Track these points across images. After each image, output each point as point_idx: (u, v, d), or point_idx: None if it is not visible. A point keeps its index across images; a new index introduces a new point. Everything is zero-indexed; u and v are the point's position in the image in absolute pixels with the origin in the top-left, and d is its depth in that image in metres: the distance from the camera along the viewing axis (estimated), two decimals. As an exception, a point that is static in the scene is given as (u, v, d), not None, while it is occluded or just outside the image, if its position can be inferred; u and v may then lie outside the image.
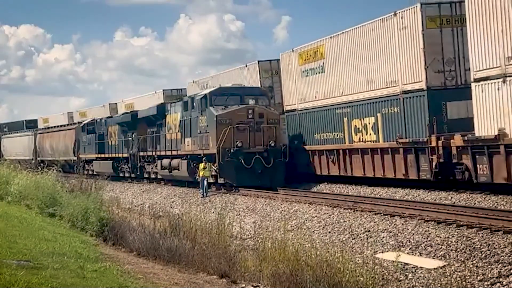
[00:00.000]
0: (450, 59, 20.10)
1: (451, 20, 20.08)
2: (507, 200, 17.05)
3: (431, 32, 19.93)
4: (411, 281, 11.29)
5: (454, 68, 20.08)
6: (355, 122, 23.66)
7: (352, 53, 23.84)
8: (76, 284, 8.36)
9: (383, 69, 21.96)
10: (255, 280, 10.68)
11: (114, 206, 19.82)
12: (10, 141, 63.47)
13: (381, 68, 22.07)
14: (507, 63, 16.15)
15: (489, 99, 17.03)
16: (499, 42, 16.29)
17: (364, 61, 23.00)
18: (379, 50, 22.11)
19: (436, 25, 20.03)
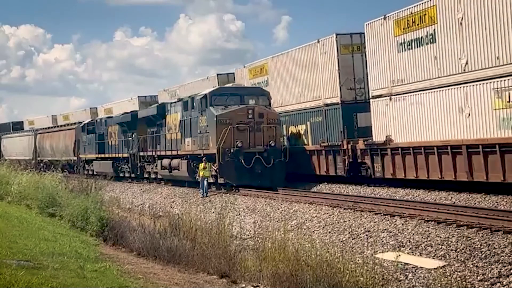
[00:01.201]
0: (359, 79, 25.04)
1: (361, 47, 24.74)
2: (507, 200, 17.06)
3: (344, 57, 25.13)
4: (411, 281, 11.28)
5: (363, 86, 24.88)
6: (291, 129, 28.58)
7: (289, 71, 28.74)
8: (76, 284, 8.37)
9: (311, 86, 26.96)
10: (255, 280, 10.68)
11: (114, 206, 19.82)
12: (10, 141, 63.44)
13: (309, 84, 27.07)
14: (392, 85, 21.77)
15: (381, 112, 22.49)
16: (386, 70, 22.05)
17: (298, 79, 27.95)
18: (308, 70, 27.01)
19: (348, 51, 25.26)
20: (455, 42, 18.75)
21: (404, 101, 21.08)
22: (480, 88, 17.83)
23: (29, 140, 56.19)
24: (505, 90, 16.88)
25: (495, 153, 17.25)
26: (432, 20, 19.68)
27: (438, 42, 19.52)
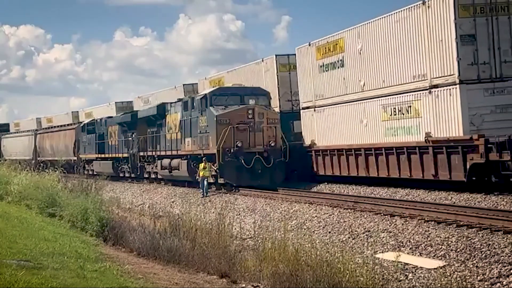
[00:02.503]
0: (295, 92, 29.07)
1: (296, 66, 28.58)
2: (507, 200, 17.05)
3: (283, 74, 29.74)
4: (411, 281, 11.28)
5: (298, 98, 28.86)
6: None
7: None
8: (76, 284, 8.36)
9: None
10: (255, 280, 10.68)
11: (114, 206, 19.83)
12: (10, 141, 63.44)
13: None
14: (315, 99, 26.63)
15: (308, 121, 27.37)
16: (311, 86, 26.85)
17: None
18: (255, 85, 29.52)
19: (286, 70, 29.77)
20: (357, 67, 23.91)
21: (323, 112, 26.00)
22: (373, 104, 22.88)
23: (29, 140, 56.18)
24: (388, 106, 22.05)
25: (382, 154, 22.30)
26: (341, 49, 24.79)
27: (345, 67, 24.62)
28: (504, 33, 19.04)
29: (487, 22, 18.97)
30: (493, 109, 18.87)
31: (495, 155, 17.59)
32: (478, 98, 18.83)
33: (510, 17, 19.09)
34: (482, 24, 18.89)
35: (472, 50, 18.93)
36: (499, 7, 18.99)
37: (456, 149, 18.94)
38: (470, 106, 18.76)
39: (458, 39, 18.82)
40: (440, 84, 19.59)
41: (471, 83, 18.90)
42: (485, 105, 18.84)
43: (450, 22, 18.91)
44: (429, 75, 20.00)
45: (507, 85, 18.92)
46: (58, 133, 50.31)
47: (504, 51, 19.02)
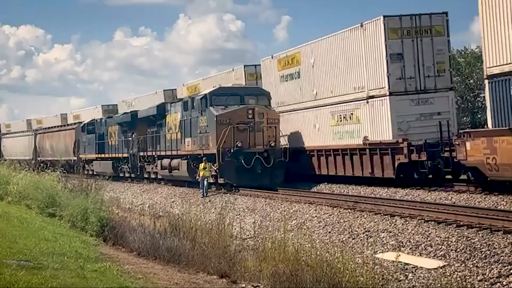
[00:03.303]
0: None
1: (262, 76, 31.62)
2: (507, 200, 17.06)
3: (251, 82, 32.07)
4: (411, 281, 11.28)
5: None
6: None
7: None
8: (76, 284, 8.37)
9: None
10: (255, 280, 10.68)
11: (114, 206, 19.83)
12: (10, 141, 63.45)
13: None
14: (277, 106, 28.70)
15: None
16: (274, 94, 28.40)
17: None
18: None
19: (253, 78, 32.54)
20: (310, 78, 27.03)
21: (284, 118, 28.05)
22: (324, 111, 26.05)
23: (29, 140, 56.18)
24: (335, 113, 25.18)
25: (331, 155, 25.40)
26: (298, 62, 27.92)
27: (301, 78, 27.74)
28: (427, 52, 22.34)
29: (413, 42, 22.25)
30: (418, 117, 22.11)
31: (415, 155, 20.98)
32: (405, 108, 22.12)
33: (432, 39, 22.40)
34: (408, 44, 22.21)
35: (400, 66, 22.22)
36: (423, 30, 22.30)
37: (387, 151, 22.22)
38: (398, 114, 22.06)
39: (388, 57, 22.12)
40: (375, 95, 22.86)
41: (399, 94, 22.17)
42: (411, 114, 22.13)
43: (382, 42, 22.17)
44: (366, 87, 23.24)
45: (430, 96, 22.24)
46: (58, 133, 50.30)
47: (427, 67, 22.31)
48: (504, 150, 16.85)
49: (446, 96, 22.52)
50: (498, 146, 17.10)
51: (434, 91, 22.35)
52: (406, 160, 21.20)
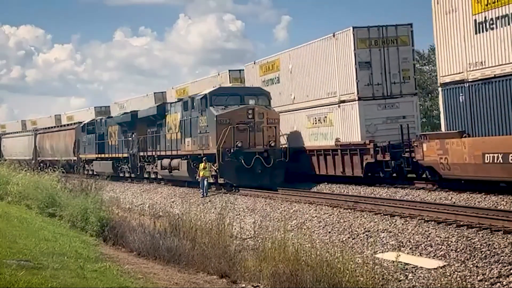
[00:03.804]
0: None
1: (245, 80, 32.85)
2: (507, 200, 17.05)
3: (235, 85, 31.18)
4: (411, 281, 11.27)
5: None
6: None
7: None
8: (76, 284, 8.37)
9: None
10: (255, 280, 10.68)
11: (114, 206, 19.82)
12: (10, 141, 63.46)
13: None
14: None
15: None
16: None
17: None
18: None
19: (238, 82, 32.51)
20: (288, 83, 28.72)
21: None
22: (301, 114, 27.69)
23: (29, 140, 56.17)
24: (311, 116, 26.82)
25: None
26: (278, 68, 29.60)
27: (281, 83, 29.38)
28: (393, 61, 24.18)
29: (380, 52, 24.03)
30: (385, 120, 23.94)
31: (380, 156, 22.84)
32: (373, 112, 23.93)
33: (398, 48, 24.25)
34: (376, 53, 23.98)
35: (368, 74, 23.99)
36: (389, 40, 24.14)
37: (356, 152, 23.95)
38: (366, 118, 23.87)
39: (357, 65, 23.87)
40: (345, 100, 24.69)
41: (367, 99, 23.97)
42: (378, 117, 23.95)
43: (351, 51, 23.96)
44: (338, 92, 25.10)
45: (396, 101, 24.12)
46: (58, 133, 50.30)
47: (393, 75, 24.16)
48: (454, 151, 18.77)
49: (411, 101, 24.38)
50: (449, 148, 19.00)
51: (399, 96, 24.18)
52: (373, 160, 23.06)
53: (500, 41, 17.43)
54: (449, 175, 19.41)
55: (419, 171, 22.40)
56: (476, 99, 18.44)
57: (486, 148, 17.62)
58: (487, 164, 17.48)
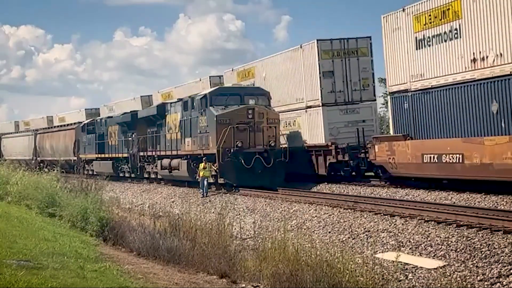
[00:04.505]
0: None
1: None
2: (507, 200, 17.06)
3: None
4: (411, 281, 11.27)
5: None
6: None
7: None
8: (76, 284, 8.36)
9: None
10: (255, 280, 10.67)
11: (114, 206, 19.80)
12: (10, 141, 63.48)
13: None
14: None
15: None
16: None
17: None
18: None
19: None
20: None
21: None
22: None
23: (29, 140, 56.18)
24: (283, 120, 28.07)
25: None
26: (253, 75, 31.66)
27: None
28: (353, 70, 26.69)
29: (342, 62, 26.59)
30: (346, 124, 26.34)
31: (341, 156, 25.34)
32: (335, 116, 26.39)
33: (358, 59, 26.72)
34: (338, 63, 26.53)
35: (331, 82, 26.47)
36: (350, 51, 26.64)
37: (320, 152, 26.39)
38: (329, 122, 26.28)
39: (321, 74, 26.32)
40: (311, 105, 27.07)
41: (330, 105, 26.49)
42: (340, 121, 26.40)
43: (316, 62, 26.44)
44: (305, 98, 27.42)
45: (356, 107, 26.59)
46: (58, 133, 50.29)
47: (354, 83, 26.65)
48: (400, 152, 21.43)
49: (370, 106, 26.92)
50: (396, 149, 21.66)
51: (359, 102, 26.72)
52: (335, 160, 25.47)
53: (435, 57, 20.21)
54: (396, 173, 22.02)
55: (374, 169, 24.73)
56: (417, 107, 21.31)
57: (425, 150, 20.26)
58: (426, 163, 20.13)
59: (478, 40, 18.56)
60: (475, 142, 18.25)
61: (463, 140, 18.86)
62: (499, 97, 17.84)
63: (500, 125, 17.83)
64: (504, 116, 17.70)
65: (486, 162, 17.72)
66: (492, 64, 18.02)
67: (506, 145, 17.04)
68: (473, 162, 18.20)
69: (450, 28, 19.54)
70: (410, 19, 21.35)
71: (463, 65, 19.08)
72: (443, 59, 19.85)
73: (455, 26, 19.35)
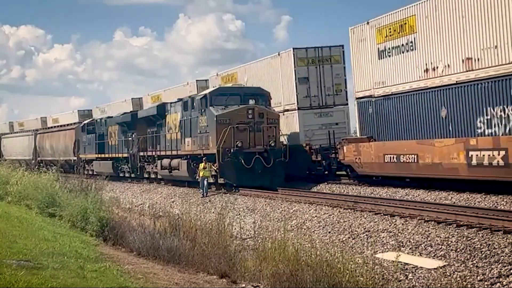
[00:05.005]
0: None
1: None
2: (507, 200, 17.06)
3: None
4: (411, 281, 11.27)
5: None
6: None
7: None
8: (76, 284, 8.37)
9: None
10: (255, 280, 10.67)
11: (114, 206, 19.80)
12: (10, 141, 63.48)
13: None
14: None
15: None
16: None
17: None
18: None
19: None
20: None
21: None
22: None
23: (29, 140, 56.18)
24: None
25: None
26: (236, 80, 32.26)
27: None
28: (327, 76, 28.33)
29: (316, 69, 28.20)
30: (320, 126, 27.85)
31: (314, 156, 27.01)
32: (310, 119, 27.92)
33: (332, 66, 28.36)
34: (313, 70, 28.14)
35: (306, 87, 28.07)
36: (324, 59, 28.34)
37: None
38: (305, 124, 27.87)
39: (297, 80, 27.90)
40: (288, 109, 28.71)
41: (306, 109, 28.02)
42: (315, 124, 27.95)
43: (292, 69, 28.01)
44: (283, 102, 29.07)
45: (330, 110, 28.29)
46: (58, 133, 50.28)
47: (327, 88, 28.31)
48: (365, 152, 23.22)
49: (342, 110, 28.56)
50: (361, 150, 23.43)
51: (333, 106, 28.42)
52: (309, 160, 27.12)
53: (394, 66, 22.54)
54: (362, 172, 23.85)
55: (343, 168, 26.03)
56: (380, 111, 23.51)
57: (386, 150, 22.21)
58: (387, 163, 22.04)
59: (430, 52, 20.74)
60: (427, 144, 20.22)
61: (417, 142, 20.85)
62: (447, 103, 20.03)
63: (448, 128, 20.07)
64: (451, 121, 19.89)
65: (437, 161, 19.62)
66: (441, 74, 20.23)
67: (452, 146, 18.98)
68: (425, 162, 20.13)
69: (407, 40, 21.88)
70: (373, 32, 23.69)
71: (418, 74, 21.34)
72: (401, 69, 22.20)
73: (411, 39, 21.68)
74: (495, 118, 18.30)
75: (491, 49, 18.17)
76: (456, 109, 19.62)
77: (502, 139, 17.53)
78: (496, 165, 17.31)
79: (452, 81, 19.69)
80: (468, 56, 19.09)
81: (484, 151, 17.73)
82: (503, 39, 17.79)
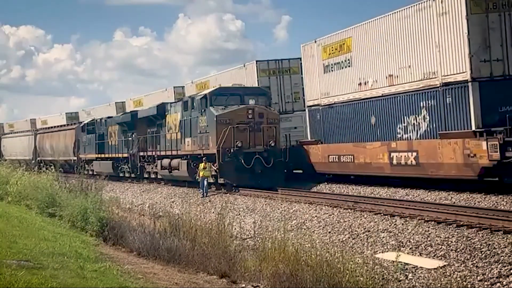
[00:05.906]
0: None
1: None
2: (507, 200, 17.06)
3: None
4: (411, 281, 11.27)
5: None
6: None
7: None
8: (76, 284, 8.37)
9: None
10: (255, 280, 10.67)
11: (114, 206, 19.80)
12: (10, 141, 63.46)
13: None
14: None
15: None
16: None
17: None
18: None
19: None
20: None
21: None
22: None
23: (29, 140, 56.15)
24: None
25: None
26: (208, 87, 32.79)
27: None
28: (287, 85, 31.57)
29: (277, 79, 31.53)
30: (281, 130, 28.00)
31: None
32: None
33: (291, 76, 31.54)
34: (274, 80, 31.43)
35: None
36: (284, 70, 31.61)
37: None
38: None
39: None
40: None
41: None
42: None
43: (255, 79, 31.28)
44: None
45: (289, 116, 31.08)
46: (58, 133, 50.25)
47: (287, 96, 31.53)
48: (314, 154, 26.96)
49: (301, 115, 30.67)
50: (311, 151, 27.14)
51: (292, 112, 31.30)
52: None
53: (336, 80, 25.86)
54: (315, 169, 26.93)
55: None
56: (325, 118, 26.74)
57: (330, 152, 25.84)
58: (331, 162, 25.68)
59: (362, 68, 24.14)
60: (360, 146, 23.99)
61: (353, 145, 24.46)
62: (375, 112, 23.40)
63: (376, 133, 23.32)
64: (379, 127, 23.23)
65: (368, 161, 23.39)
66: (371, 87, 23.61)
67: (379, 148, 22.83)
68: (360, 161, 23.84)
69: (345, 58, 25.22)
70: (320, 49, 26.95)
71: (353, 87, 24.65)
72: (341, 82, 25.49)
73: (348, 57, 25.01)
74: (409, 125, 21.70)
75: (406, 68, 21.70)
76: (382, 117, 23.07)
77: (414, 143, 21.11)
78: (410, 164, 21.09)
79: (379, 94, 23.12)
80: (390, 73, 22.56)
81: (402, 152, 21.60)
82: (414, 60, 21.28)
